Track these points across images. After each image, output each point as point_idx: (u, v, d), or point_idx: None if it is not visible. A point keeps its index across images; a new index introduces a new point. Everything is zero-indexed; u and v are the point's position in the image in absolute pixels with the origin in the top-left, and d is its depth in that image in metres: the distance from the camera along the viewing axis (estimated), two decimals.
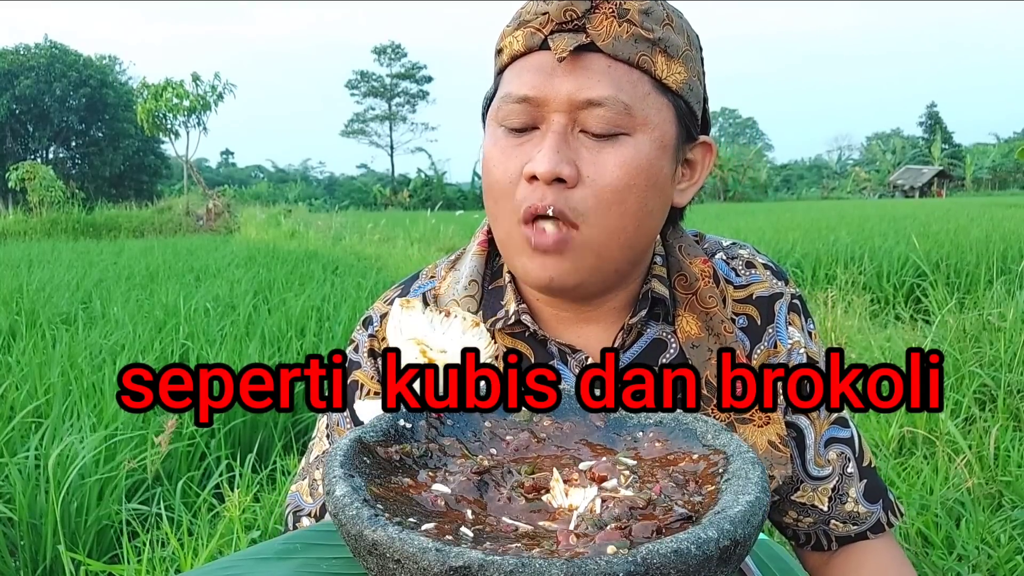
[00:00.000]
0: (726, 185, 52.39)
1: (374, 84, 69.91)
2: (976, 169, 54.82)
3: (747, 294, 0.83)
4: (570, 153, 0.70)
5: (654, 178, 0.72)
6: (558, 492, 0.51)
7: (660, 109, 0.72)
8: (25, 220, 20.90)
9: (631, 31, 0.70)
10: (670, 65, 0.72)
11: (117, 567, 1.85)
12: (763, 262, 0.85)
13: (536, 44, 0.71)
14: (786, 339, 0.82)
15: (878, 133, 75.40)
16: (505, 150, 0.73)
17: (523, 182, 0.71)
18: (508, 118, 0.73)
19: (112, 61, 49.49)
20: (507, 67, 0.75)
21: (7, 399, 2.84)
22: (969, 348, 3.24)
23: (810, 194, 58.16)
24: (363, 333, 0.86)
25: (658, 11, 0.72)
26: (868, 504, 0.84)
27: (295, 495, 0.85)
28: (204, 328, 4.21)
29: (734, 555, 0.43)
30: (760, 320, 0.82)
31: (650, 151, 0.71)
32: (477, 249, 0.84)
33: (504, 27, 0.76)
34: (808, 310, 0.86)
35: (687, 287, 0.80)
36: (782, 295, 0.83)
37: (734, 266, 0.84)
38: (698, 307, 0.79)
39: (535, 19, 0.72)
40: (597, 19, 0.70)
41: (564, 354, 0.79)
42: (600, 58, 0.70)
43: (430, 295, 0.85)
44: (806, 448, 0.83)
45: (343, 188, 60.30)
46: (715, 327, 0.78)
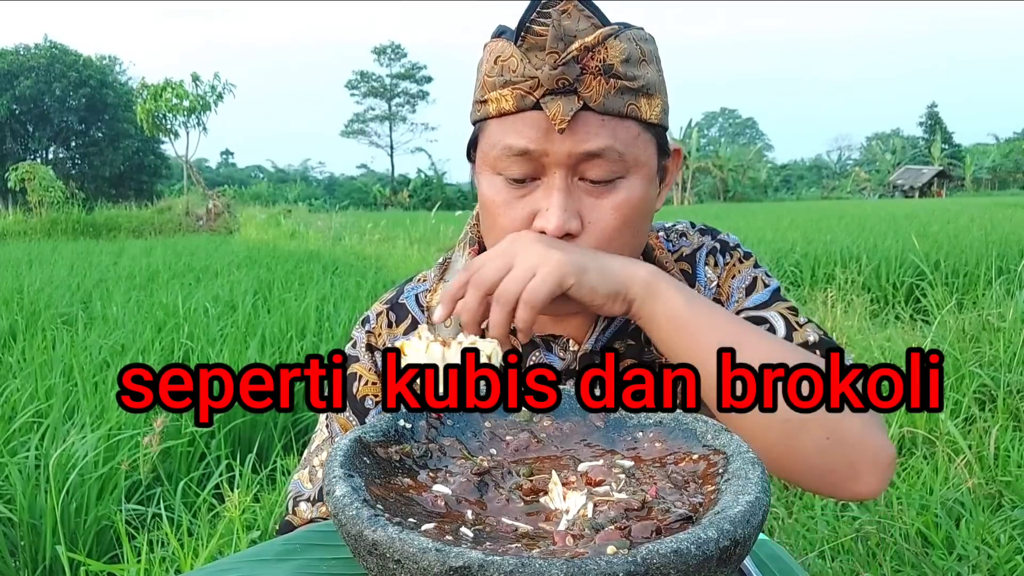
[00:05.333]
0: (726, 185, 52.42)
1: (374, 84, 69.96)
2: (976, 169, 54.87)
3: (679, 255, 0.89)
4: (575, 204, 0.75)
5: (646, 210, 0.78)
6: (556, 495, 0.51)
7: (646, 146, 0.76)
8: (25, 220, 20.90)
9: (618, 85, 0.72)
10: (651, 103, 0.75)
11: (117, 567, 1.85)
12: (694, 229, 0.91)
13: (528, 106, 0.73)
14: (703, 280, 0.87)
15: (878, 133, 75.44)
16: (509, 201, 0.77)
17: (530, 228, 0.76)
18: (508, 169, 0.75)
19: (112, 61, 49.47)
20: (494, 118, 0.76)
21: (8, 399, 2.84)
22: (969, 348, 3.24)
23: (810, 194, 58.21)
24: (361, 331, 0.91)
25: (633, 52, 0.73)
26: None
27: (296, 482, 0.89)
28: (204, 328, 4.21)
29: (734, 555, 0.43)
30: (692, 271, 0.88)
31: (642, 188, 0.76)
32: (469, 257, 0.88)
33: (484, 75, 0.76)
34: (731, 247, 0.89)
35: (648, 259, 0.86)
36: (703, 246, 0.89)
37: (670, 237, 0.91)
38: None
39: (523, 81, 0.72)
40: (586, 80, 0.71)
41: (548, 342, 0.85)
42: (594, 116, 0.72)
43: (422, 297, 0.91)
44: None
45: (343, 188, 60.36)
46: None
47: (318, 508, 0.85)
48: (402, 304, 0.91)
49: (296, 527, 0.85)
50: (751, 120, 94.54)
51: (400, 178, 61.33)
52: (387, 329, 0.90)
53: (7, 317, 4.75)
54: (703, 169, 52.27)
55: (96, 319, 4.88)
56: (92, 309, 5.31)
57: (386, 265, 8.91)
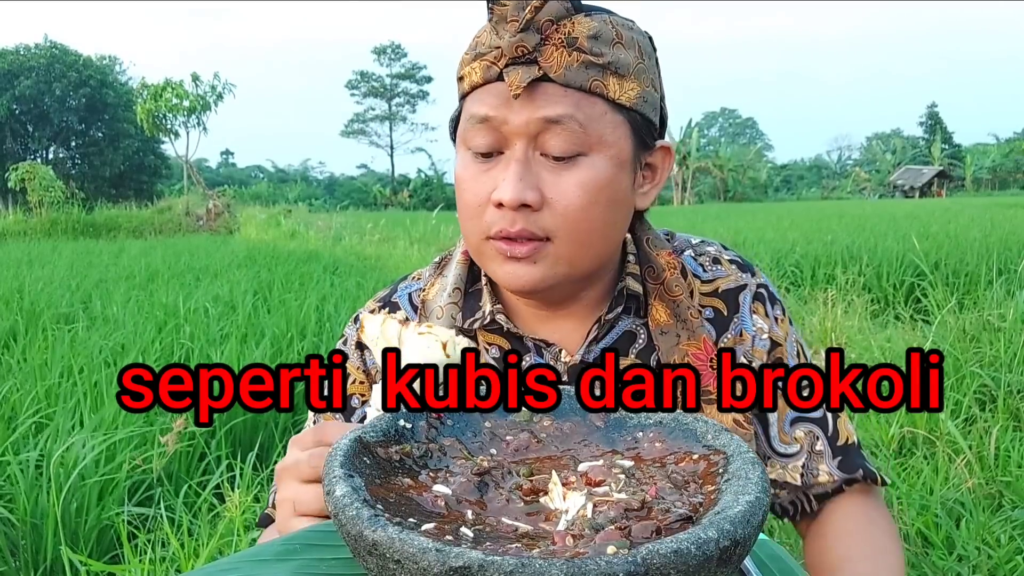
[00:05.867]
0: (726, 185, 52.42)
1: (374, 84, 69.97)
2: (976, 169, 54.86)
3: (713, 288, 0.86)
4: (532, 179, 0.73)
5: (614, 193, 0.76)
6: (556, 495, 0.51)
7: (615, 127, 0.74)
8: (25, 220, 20.90)
9: (581, 59, 0.72)
10: (622, 84, 0.74)
11: (118, 567, 1.85)
12: (729, 258, 0.89)
13: (492, 77, 0.73)
14: (751, 327, 0.86)
15: (878, 133, 75.43)
16: (475, 175, 0.76)
17: (491, 207, 0.75)
18: (473, 139, 0.75)
19: (112, 61, 49.45)
20: (468, 95, 0.77)
21: (8, 400, 2.84)
22: (969, 348, 3.24)
23: (810, 194, 58.19)
24: (352, 328, 0.92)
25: (606, 32, 0.73)
26: (843, 474, 0.85)
27: None
28: (204, 328, 4.21)
29: (734, 555, 0.43)
30: (727, 311, 0.86)
31: (607, 169, 0.74)
32: (461, 259, 0.88)
33: (464, 54, 0.78)
34: (775, 295, 0.89)
35: (655, 278, 0.84)
36: (747, 286, 0.87)
37: (701, 262, 0.88)
38: (666, 296, 0.83)
39: (489, 52, 0.73)
40: (548, 51, 0.71)
41: (539, 348, 0.83)
42: (554, 87, 0.72)
43: (416, 295, 0.90)
44: (769, 426, 0.86)
45: (343, 188, 60.34)
46: (682, 314, 0.82)
47: None
48: (395, 302, 0.90)
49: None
50: (751, 120, 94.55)
51: (400, 178, 61.34)
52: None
53: (7, 317, 4.75)
54: (703, 169, 52.24)
55: (96, 319, 4.88)
56: (92, 309, 5.30)
57: (386, 265, 8.91)
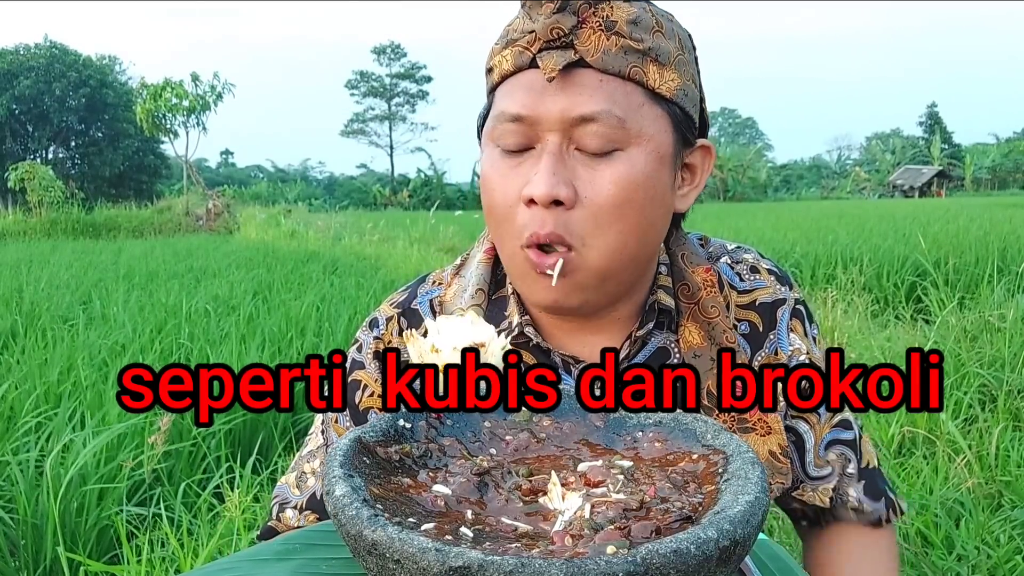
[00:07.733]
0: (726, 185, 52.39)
1: (374, 84, 69.88)
2: (976, 169, 54.80)
3: (751, 300, 0.83)
4: (566, 174, 0.69)
5: (652, 190, 0.71)
6: (555, 495, 0.51)
7: (655, 119, 0.70)
8: (25, 220, 20.87)
9: (620, 43, 0.68)
10: (663, 73, 0.70)
11: (117, 567, 1.85)
12: (767, 267, 0.85)
13: (525, 63, 0.70)
14: (787, 346, 0.82)
15: (878, 133, 75.37)
16: (503, 172, 0.72)
17: (522, 205, 0.71)
18: (503, 138, 0.72)
19: (112, 61, 49.44)
20: (498, 86, 0.74)
21: (8, 400, 2.84)
22: (970, 348, 3.24)
23: (810, 194, 58.12)
24: (368, 334, 0.85)
25: (646, 19, 0.70)
26: (871, 502, 0.85)
27: (283, 487, 0.86)
28: (204, 328, 4.21)
29: (734, 555, 0.43)
30: (762, 326, 0.82)
31: (646, 164, 0.70)
32: (483, 257, 0.84)
33: (493, 45, 0.75)
34: (811, 313, 0.87)
35: (690, 297, 0.80)
36: (785, 301, 0.83)
37: (738, 270, 0.84)
38: (700, 316, 0.79)
39: (522, 37, 0.70)
40: (584, 34, 0.68)
41: (567, 364, 0.79)
42: (591, 73, 0.68)
43: (436, 302, 0.85)
44: (806, 452, 0.84)
45: (343, 188, 60.26)
46: (717, 336, 0.78)
47: (305, 517, 0.82)
48: (415, 310, 0.85)
49: (279, 533, 0.82)
50: (751, 120, 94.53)
51: (400, 178, 61.27)
52: (397, 337, 0.84)
53: (7, 317, 4.75)
54: None
55: (96, 319, 4.88)
56: (92, 309, 5.30)
57: (386, 265, 8.90)
